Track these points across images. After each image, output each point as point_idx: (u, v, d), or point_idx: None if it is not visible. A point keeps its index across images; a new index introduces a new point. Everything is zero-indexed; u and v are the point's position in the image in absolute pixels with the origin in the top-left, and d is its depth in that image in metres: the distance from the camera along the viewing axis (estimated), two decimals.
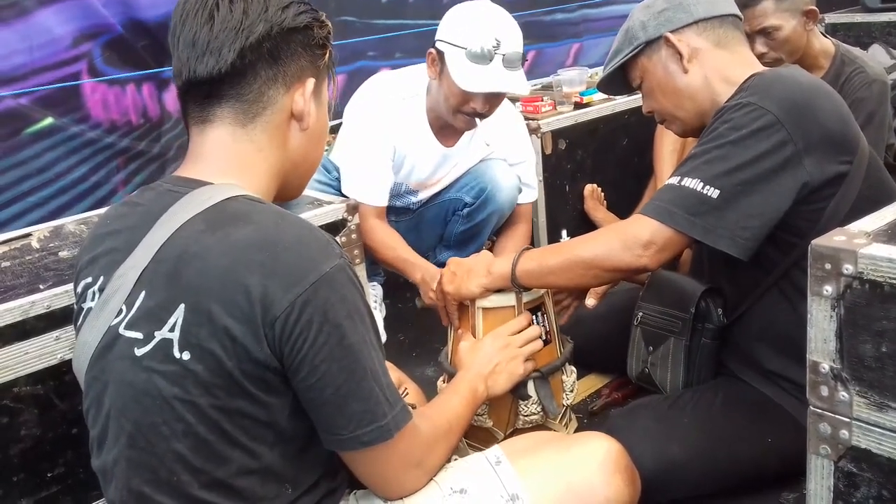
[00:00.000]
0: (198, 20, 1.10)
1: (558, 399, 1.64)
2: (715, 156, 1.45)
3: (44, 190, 2.42)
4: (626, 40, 1.70)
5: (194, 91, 1.13)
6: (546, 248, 1.64)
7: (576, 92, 3.08)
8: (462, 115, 2.28)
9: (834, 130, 1.47)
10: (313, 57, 1.17)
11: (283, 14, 1.12)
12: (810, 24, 2.36)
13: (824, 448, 1.04)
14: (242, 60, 1.10)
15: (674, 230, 1.45)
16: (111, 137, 2.53)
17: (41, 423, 1.42)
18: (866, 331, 0.97)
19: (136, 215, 1.13)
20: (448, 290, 1.67)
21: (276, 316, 1.00)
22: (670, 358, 1.73)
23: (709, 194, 1.43)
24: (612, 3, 3.99)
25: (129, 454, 1.06)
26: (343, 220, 1.79)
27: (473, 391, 1.41)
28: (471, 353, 1.54)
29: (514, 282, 1.60)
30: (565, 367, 1.67)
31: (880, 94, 2.37)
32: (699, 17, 1.62)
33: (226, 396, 1.02)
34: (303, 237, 1.05)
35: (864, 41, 3.43)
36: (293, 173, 1.22)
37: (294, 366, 1.02)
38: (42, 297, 1.41)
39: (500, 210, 2.55)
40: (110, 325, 1.07)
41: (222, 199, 1.07)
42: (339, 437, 1.07)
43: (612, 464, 1.22)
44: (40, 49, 2.32)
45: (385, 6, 3.17)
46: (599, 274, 1.55)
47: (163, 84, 2.62)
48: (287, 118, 1.16)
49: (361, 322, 1.06)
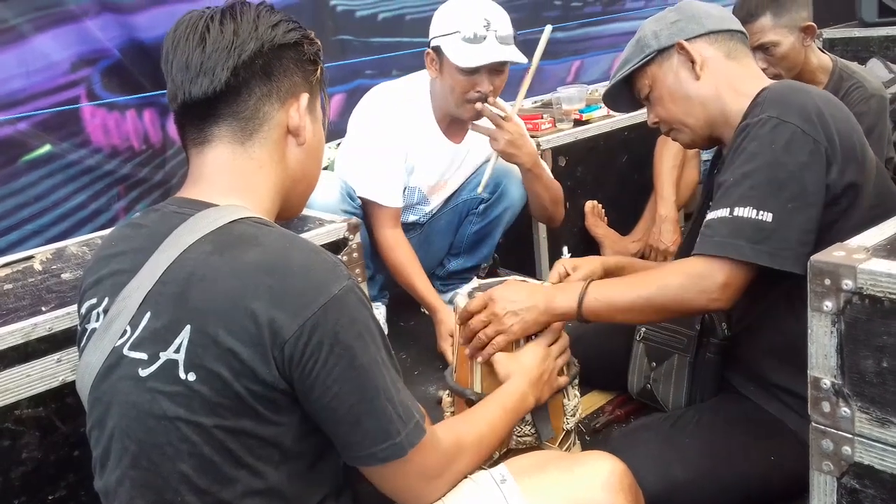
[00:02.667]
0: (189, 44, 1.12)
1: (557, 423, 1.63)
2: (757, 179, 1.44)
3: (43, 217, 2.41)
4: (636, 49, 1.70)
5: (190, 113, 1.15)
6: (610, 283, 1.61)
7: (575, 109, 3.09)
8: (469, 105, 2.31)
9: (847, 139, 1.48)
10: (305, 73, 1.19)
11: (273, 31, 1.14)
12: (808, 40, 2.37)
13: (827, 464, 1.04)
14: (236, 78, 1.12)
15: (743, 264, 1.44)
16: (112, 163, 2.52)
17: (43, 446, 1.42)
18: (867, 346, 0.97)
19: (141, 237, 1.13)
20: (516, 331, 1.54)
21: (286, 340, 1.00)
22: (674, 375, 1.73)
23: (764, 219, 1.42)
24: (614, 21, 4.02)
25: (133, 474, 1.06)
26: (345, 239, 1.79)
27: (523, 399, 1.42)
28: (516, 363, 1.53)
29: (579, 319, 1.57)
30: (566, 391, 1.64)
31: (879, 108, 2.38)
32: (710, 29, 1.65)
33: (232, 417, 1.02)
34: (310, 260, 1.06)
35: (862, 56, 3.44)
36: (293, 190, 1.23)
37: (306, 388, 1.02)
38: (44, 320, 1.41)
39: (513, 206, 2.57)
40: (114, 346, 1.07)
41: (229, 220, 1.08)
42: (355, 455, 1.08)
43: (617, 483, 1.21)
44: (37, 74, 2.32)
45: (382, 24, 3.19)
46: (669, 316, 1.58)
47: (165, 109, 2.63)
48: (284, 134, 1.18)
49: (372, 341, 1.06)
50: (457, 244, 2.69)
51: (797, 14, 2.33)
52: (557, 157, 2.90)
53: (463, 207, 2.63)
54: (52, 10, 2.33)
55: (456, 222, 2.66)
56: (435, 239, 2.66)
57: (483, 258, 2.72)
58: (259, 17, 1.15)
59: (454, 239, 2.69)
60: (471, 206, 2.62)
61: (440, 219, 2.64)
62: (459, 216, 2.65)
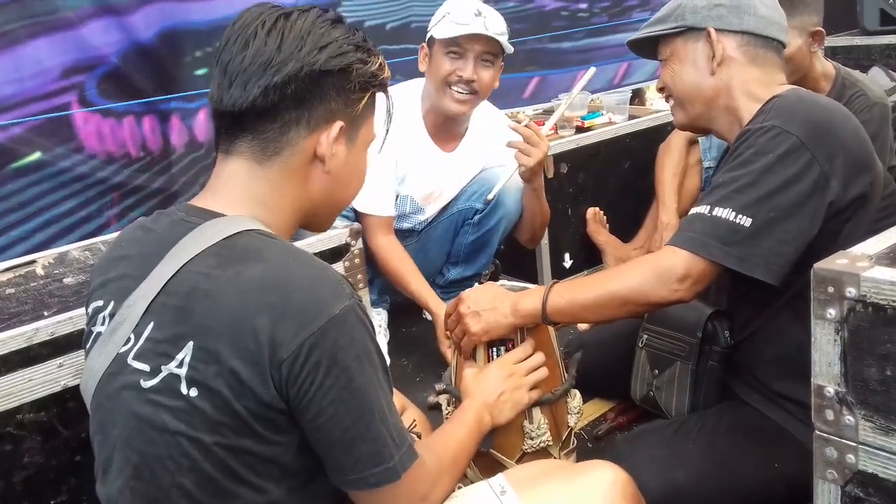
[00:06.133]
0: (236, 46, 1.09)
1: (517, 440, 1.60)
2: (744, 183, 1.44)
3: (30, 223, 2.37)
4: (672, 14, 1.66)
5: (222, 120, 1.13)
6: (575, 282, 1.61)
7: (577, 116, 3.10)
8: (452, 92, 2.32)
9: (855, 151, 1.47)
10: (347, 101, 1.14)
11: (318, 56, 1.09)
12: (815, 46, 2.37)
13: (831, 473, 1.04)
14: (266, 98, 1.08)
15: (708, 261, 1.44)
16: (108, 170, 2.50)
17: (44, 450, 1.42)
18: (870, 354, 0.97)
19: (149, 242, 1.13)
20: (475, 332, 1.59)
21: (284, 358, 0.99)
22: (676, 382, 1.73)
23: (741, 223, 1.42)
24: (617, 32, 4.02)
25: (134, 485, 1.06)
26: (346, 245, 1.79)
27: (479, 420, 1.41)
28: (476, 382, 1.53)
29: (545, 320, 1.58)
30: (530, 412, 1.60)
31: (881, 116, 2.38)
32: (748, 29, 1.61)
33: (233, 435, 1.01)
34: (314, 277, 1.04)
35: (864, 64, 3.45)
36: (317, 211, 1.20)
37: (301, 407, 1.01)
38: (46, 324, 1.41)
39: (508, 215, 2.56)
40: (118, 353, 1.07)
41: (233, 232, 1.06)
42: (346, 478, 1.06)
43: (619, 493, 1.21)
44: (31, 80, 2.31)
45: (389, 33, 3.20)
46: (634, 309, 1.54)
47: (164, 115, 2.62)
48: (308, 159, 1.14)
49: (370, 363, 1.05)
50: (455, 253, 2.69)
51: (808, 18, 2.33)
52: (559, 163, 2.90)
53: (458, 217, 2.63)
54: (49, 16, 2.32)
55: (452, 231, 2.65)
56: (431, 248, 2.66)
57: (482, 266, 2.72)
58: (309, 35, 1.10)
59: (451, 248, 2.69)
60: (466, 215, 2.61)
61: (436, 228, 2.64)
62: (455, 226, 2.64)
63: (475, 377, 1.55)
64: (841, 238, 1.45)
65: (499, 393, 1.49)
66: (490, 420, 1.45)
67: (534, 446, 1.60)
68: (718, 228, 1.44)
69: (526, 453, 1.60)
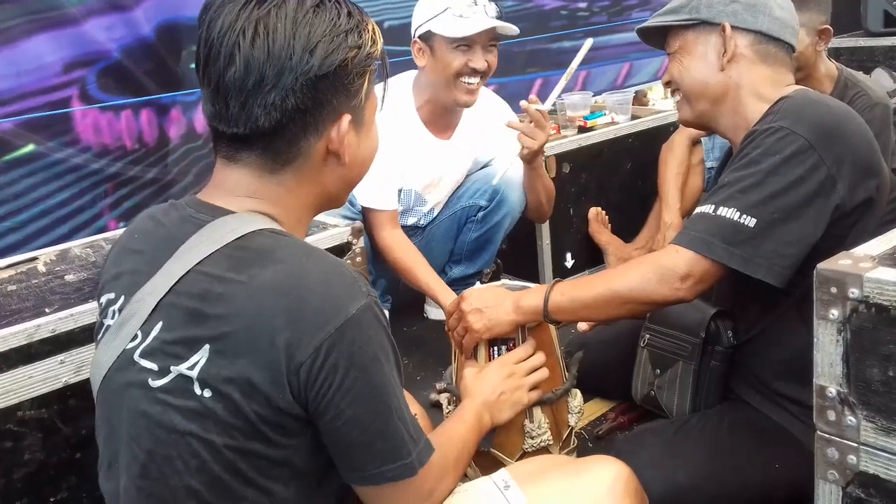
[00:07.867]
0: (221, 60, 1.03)
1: (517, 439, 1.60)
2: (749, 183, 1.43)
3: (22, 215, 2.40)
4: (687, 6, 1.64)
5: (221, 134, 1.08)
6: (577, 281, 1.60)
7: (580, 116, 3.10)
8: (463, 84, 2.33)
9: (863, 155, 1.47)
10: (348, 94, 1.09)
11: (310, 60, 1.03)
12: (821, 45, 2.36)
13: (832, 473, 1.04)
14: (268, 118, 1.04)
15: (711, 261, 1.43)
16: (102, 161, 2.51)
17: (45, 448, 1.42)
18: (873, 354, 0.97)
19: (159, 237, 1.11)
20: (477, 329, 1.59)
21: (302, 362, 0.98)
22: (678, 382, 1.72)
23: (745, 223, 1.41)
24: (618, 32, 4.02)
25: (141, 484, 1.05)
26: (348, 244, 1.79)
27: (479, 419, 1.40)
28: (476, 381, 1.53)
29: (546, 318, 1.57)
30: (530, 412, 1.60)
31: (883, 117, 2.38)
32: (761, 29, 1.60)
33: (242, 438, 1.01)
34: (329, 276, 1.02)
35: (867, 65, 3.45)
36: (333, 196, 1.18)
37: (319, 409, 1.01)
38: (47, 321, 1.41)
39: (512, 212, 2.57)
40: (125, 349, 1.06)
41: (245, 232, 1.05)
42: (362, 474, 1.06)
43: (622, 488, 1.20)
44: (29, 74, 2.32)
45: (387, 32, 3.20)
46: (635, 308, 1.53)
47: (162, 110, 2.63)
48: (322, 158, 1.10)
49: (387, 361, 1.04)
50: (457, 251, 2.69)
51: (816, 16, 2.33)
52: (561, 163, 2.91)
53: (461, 215, 2.64)
54: (51, 12, 2.34)
55: (455, 229, 2.66)
56: (434, 246, 2.66)
57: (484, 264, 2.72)
58: (295, 36, 1.02)
59: (454, 246, 2.69)
60: (469, 213, 2.62)
61: (439, 226, 2.65)
62: (458, 223, 2.65)
63: (475, 376, 1.54)
64: (846, 242, 1.44)
65: (499, 393, 1.49)
66: (489, 419, 1.45)
67: (534, 446, 1.60)
68: (722, 228, 1.43)
69: (526, 452, 1.60)
